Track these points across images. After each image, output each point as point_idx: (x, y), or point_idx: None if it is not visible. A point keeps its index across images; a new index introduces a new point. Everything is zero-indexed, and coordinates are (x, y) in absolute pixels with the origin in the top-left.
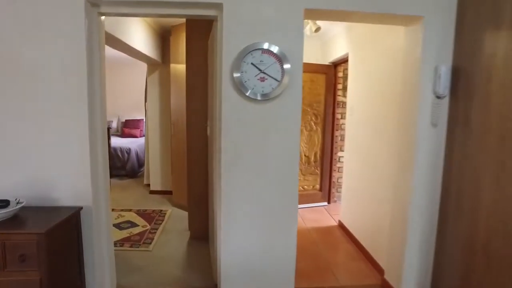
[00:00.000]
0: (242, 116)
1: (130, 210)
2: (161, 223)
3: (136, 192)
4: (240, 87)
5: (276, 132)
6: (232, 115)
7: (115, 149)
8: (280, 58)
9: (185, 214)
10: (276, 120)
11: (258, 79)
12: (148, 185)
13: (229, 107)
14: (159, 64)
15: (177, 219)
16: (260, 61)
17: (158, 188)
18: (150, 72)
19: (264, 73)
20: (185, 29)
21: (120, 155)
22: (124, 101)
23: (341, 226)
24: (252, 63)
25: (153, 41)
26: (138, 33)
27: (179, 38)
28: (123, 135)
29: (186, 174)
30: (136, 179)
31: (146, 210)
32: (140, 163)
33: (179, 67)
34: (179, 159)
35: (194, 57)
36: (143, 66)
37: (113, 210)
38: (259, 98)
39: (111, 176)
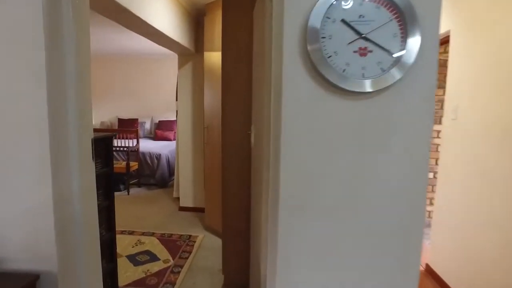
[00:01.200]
0: (319, 120)
1: (153, 235)
2: (188, 257)
3: (163, 208)
4: (318, 67)
5: (385, 149)
6: (299, 120)
7: (143, 154)
8: (401, 12)
9: (218, 243)
10: (387, 129)
11: (355, 52)
12: (178, 199)
13: (294, 106)
14: (192, 54)
15: (209, 251)
16: (360, 16)
17: (189, 204)
18: (181, 64)
19: (368, 39)
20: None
21: (149, 162)
22: (158, 100)
23: (429, 272)
24: (343, 21)
25: (184, 23)
26: (163, 11)
27: (215, 19)
28: (155, 137)
29: (221, 197)
30: (165, 189)
31: (172, 235)
32: (171, 171)
33: (215, 56)
34: (213, 172)
35: (233, 38)
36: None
37: (132, 233)
38: (355, 87)
39: (140, 185)
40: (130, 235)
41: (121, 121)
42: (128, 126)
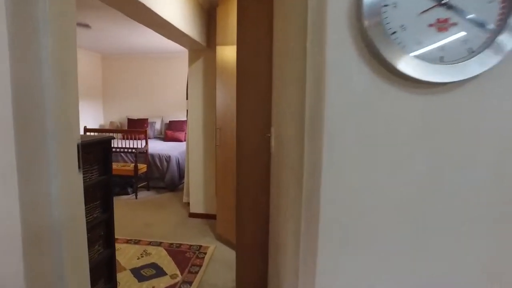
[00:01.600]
0: (377, 123)
1: (160, 244)
2: (198, 271)
3: (172, 214)
4: (378, 48)
5: (471, 164)
6: (350, 122)
7: (153, 156)
8: None
9: (231, 255)
10: (475, 136)
11: (430, 26)
12: (188, 204)
13: (343, 103)
14: (203, 49)
15: (221, 264)
16: None
17: (200, 210)
18: (191, 60)
19: (451, 7)
20: None
21: (159, 164)
22: (168, 99)
23: None
24: None
25: (194, 15)
26: (172, 0)
27: (228, 9)
28: (166, 138)
29: (235, 207)
30: (175, 193)
31: (180, 245)
32: (181, 174)
33: (228, 51)
34: (225, 177)
35: (249, 29)
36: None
37: (139, 242)
38: (430, 76)
39: (148, 189)
40: (136, 245)
41: (130, 121)
42: (137, 127)
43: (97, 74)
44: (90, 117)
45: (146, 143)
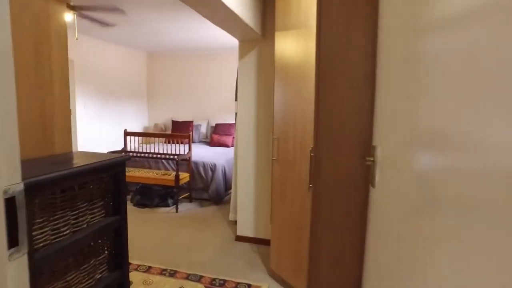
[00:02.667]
0: None
1: (200, 280)
2: None
3: (216, 234)
4: None
5: None
6: None
7: (196, 164)
8: None
9: None
10: None
11: None
12: (235, 222)
13: None
14: (257, 40)
15: None
16: None
17: (249, 233)
18: (243, 53)
19: None
20: None
21: (203, 173)
22: (215, 100)
23: None
24: None
25: None
26: None
27: None
28: (211, 143)
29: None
30: (221, 206)
31: (225, 282)
32: (228, 185)
33: (291, 38)
34: (284, 201)
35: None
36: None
37: (175, 274)
38: None
39: (191, 200)
40: (171, 278)
41: (175, 123)
42: (182, 129)
43: (142, 74)
44: (134, 119)
45: (189, 149)
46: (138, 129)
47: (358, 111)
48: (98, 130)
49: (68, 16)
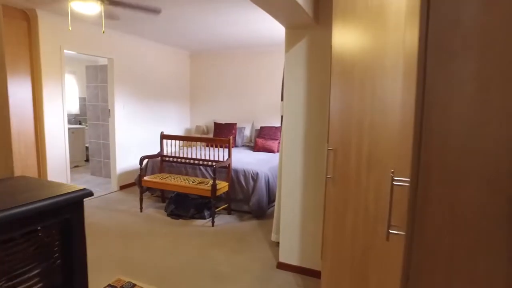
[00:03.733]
0: None
1: None
2: None
3: (255, 258)
4: None
5: None
6: None
7: (237, 172)
8: None
9: None
10: None
11: None
12: (277, 244)
13: None
14: (308, 26)
15: None
16: None
17: (293, 260)
18: (289, 43)
19: None
20: None
21: (244, 183)
22: (260, 101)
23: None
24: None
25: None
26: None
27: None
28: (255, 147)
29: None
30: (262, 221)
31: None
32: (272, 196)
33: (355, 25)
34: (342, 230)
35: None
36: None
37: None
38: None
39: (230, 212)
40: None
41: (217, 125)
42: (225, 132)
43: (185, 74)
44: (176, 121)
45: (229, 155)
46: (179, 131)
47: (498, 125)
48: (137, 132)
49: (95, 8)
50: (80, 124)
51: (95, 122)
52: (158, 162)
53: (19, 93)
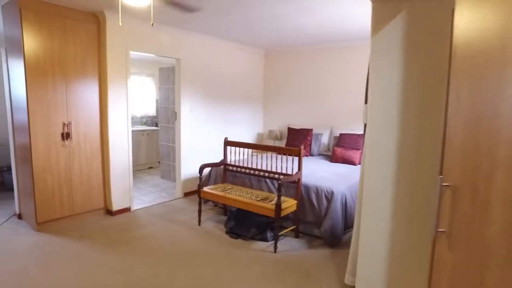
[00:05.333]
0: None
1: None
2: None
3: None
4: None
5: None
6: None
7: (307, 188)
8: None
9: None
10: None
11: None
12: None
13: None
14: None
15: None
16: None
17: None
18: (378, 22)
19: None
20: None
21: (315, 202)
22: (340, 104)
23: None
24: None
25: None
26: None
27: None
28: (333, 157)
29: None
30: (336, 251)
31: None
32: (348, 222)
33: None
34: None
35: None
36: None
37: None
38: None
39: (297, 235)
40: None
41: (291, 131)
42: (299, 139)
43: (258, 74)
44: (248, 124)
45: (299, 168)
46: (251, 136)
47: None
48: (205, 136)
49: (144, 1)
50: (156, 126)
51: (165, 124)
52: (222, 171)
53: (87, 96)
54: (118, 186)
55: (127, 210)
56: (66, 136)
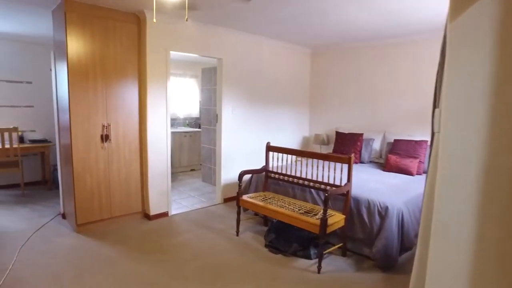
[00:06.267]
0: None
1: None
2: None
3: None
4: None
5: None
6: None
7: (357, 201)
8: None
9: None
10: None
11: None
12: None
13: None
14: None
15: None
16: None
17: None
18: (459, 4)
19: None
20: None
21: (366, 217)
22: (395, 106)
23: None
24: None
25: None
26: None
27: None
28: (386, 166)
29: None
30: (390, 276)
31: None
32: (406, 243)
33: None
34: None
35: None
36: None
37: None
38: None
39: (345, 253)
40: None
41: (339, 135)
42: (348, 144)
43: (305, 75)
44: (293, 128)
45: (349, 179)
46: (296, 140)
47: None
48: (247, 139)
49: None
50: (199, 127)
51: (207, 126)
52: (264, 178)
53: (126, 98)
54: (156, 190)
55: (164, 214)
56: (105, 138)
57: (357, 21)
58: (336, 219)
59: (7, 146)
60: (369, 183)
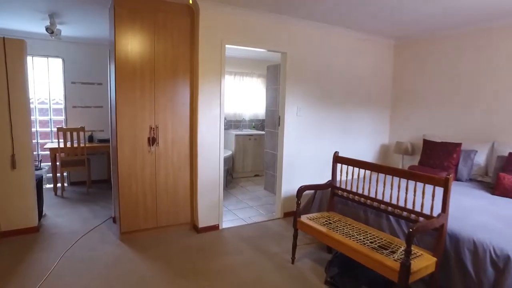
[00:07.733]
0: None
1: None
2: None
3: None
4: None
5: None
6: None
7: (457, 241)
8: None
9: None
10: None
11: None
12: None
13: None
14: None
15: None
16: None
17: None
18: None
19: None
20: None
21: (471, 268)
22: (510, 109)
23: None
24: None
25: None
26: None
27: None
28: (496, 188)
29: None
30: None
31: None
32: None
33: None
34: None
35: None
36: None
37: None
38: None
39: None
40: None
41: (428, 144)
42: (439, 156)
43: (386, 72)
44: (370, 134)
45: (444, 207)
46: (372, 148)
47: None
48: (313, 145)
49: None
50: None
51: (271, 129)
52: (329, 194)
53: (176, 97)
54: (206, 200)
55: (214, 228)
56: (152, 141)
57: (455, 3)
58: (424, 262)
59: (75, 145)
60: (474, 214)
